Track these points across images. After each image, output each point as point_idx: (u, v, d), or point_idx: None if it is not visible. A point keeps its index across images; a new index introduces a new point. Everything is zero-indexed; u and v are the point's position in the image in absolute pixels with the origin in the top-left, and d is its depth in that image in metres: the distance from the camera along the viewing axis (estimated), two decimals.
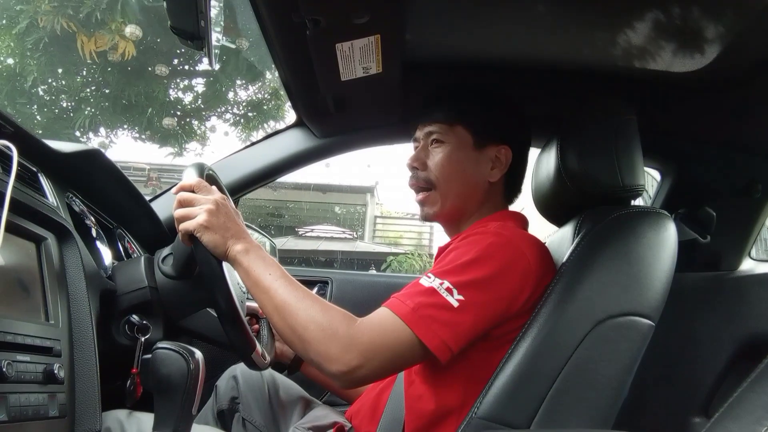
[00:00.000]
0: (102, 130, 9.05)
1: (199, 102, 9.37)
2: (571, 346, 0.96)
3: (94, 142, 8.93)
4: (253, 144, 1.72)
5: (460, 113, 1.18)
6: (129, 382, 0.95)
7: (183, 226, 0.97)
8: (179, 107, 9.29)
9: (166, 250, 1.10)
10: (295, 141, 1.67)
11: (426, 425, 1.04)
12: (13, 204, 0.76)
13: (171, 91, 9.05)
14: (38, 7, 7.02)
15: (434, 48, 1.42)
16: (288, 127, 1.69)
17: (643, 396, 1.47)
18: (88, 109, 8.36)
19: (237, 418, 1.30)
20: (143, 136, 9.12)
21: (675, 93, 1.43)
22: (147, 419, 0.96)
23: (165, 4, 0.98)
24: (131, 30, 7.13)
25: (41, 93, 8.56)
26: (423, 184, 1.19)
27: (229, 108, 9.55)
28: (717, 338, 1.48)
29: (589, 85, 1.45)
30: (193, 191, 1.01)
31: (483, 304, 0.96)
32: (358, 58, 1.19)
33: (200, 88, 9.18)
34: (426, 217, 1.21)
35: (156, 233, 1.48)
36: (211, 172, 1.16)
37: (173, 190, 1.02)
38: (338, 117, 1.54)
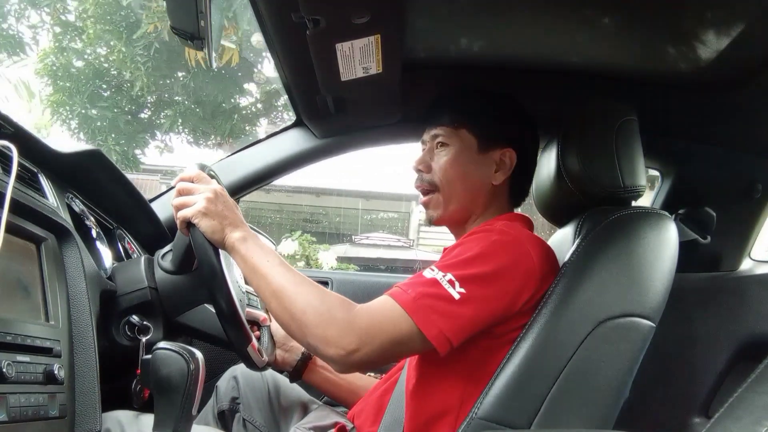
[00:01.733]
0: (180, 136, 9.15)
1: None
2: (572, 347, 0.96)
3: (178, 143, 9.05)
4: (253, 144, 1.71)
5: (464, 116, 1.18)
6: (135, 382, 0.95)
7: (181, 214, 0.98)
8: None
9: (166, 248, 1.11)
10: (295, 141, 1.67)
11: (424, 423, 1.04)
12: (13, 204, 0.76)
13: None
14: (154, 12, 7.10)
15: (434, 48, 1.42)
16: (288, 127, 1.69)
17: (643, 396, 1.47)
18: (175, 113, 8.48)
19: (237, 418, 1.30)
20: (223, 142, 9.17)
21: (675, 93, 1.43)
22: (147, 420, 0.96)
23: (165, 4, 0.98)
24: (237, 38, 7.19)
25: (150, 99, 8.66)
26: (427, 186, 1.19)
27: None
28: (717, 338, 1.48)
29: (589, 86, 1.45)
30: (192, 183, 1.02)
31: (484, 298, 0.96)
32: (358, 58, 1.19)
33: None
34: (430, 221, 1.21)
35: (156, 233, 1.48)
36: (211, 172, 1.16)
37: (173, 181, 1.03)
38: (338, 117, 1.54)
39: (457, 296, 0.94)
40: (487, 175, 1.17)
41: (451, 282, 0.95)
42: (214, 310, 1.01)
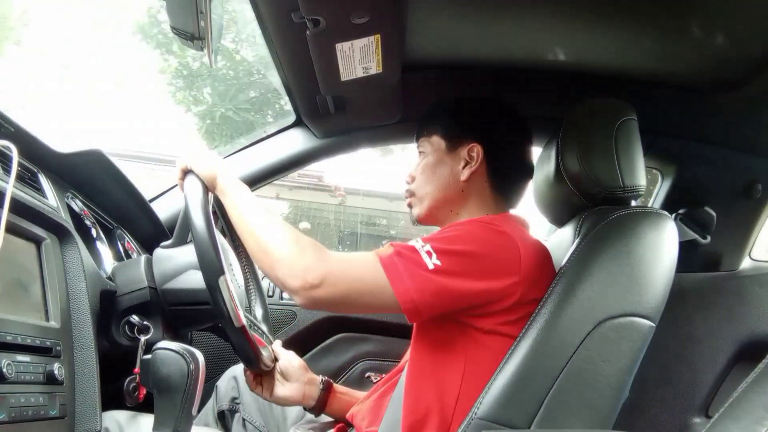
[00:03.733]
0: None
1: None
2: (572, 347, 0.96)
3: None
4: (253, 144, 1.71)
5: (432, 123, 1.23)
6: (128, 381, 0.95)
7: (178, 162, 1.05)
8: None
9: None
10: (295, 141, 1.67)
11: (420, 421, 1.04)
12: (13, 204, 0.76)
13: None
14: None
15: (434, 48, 1.42)
16: (288, 127, 1.69)
17: (643, 396, 1.47)
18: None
19: (237, 418, 1.30)
20: None
21: (675, 93, 1.43)
22: (146, 420, 0.96)
23: (165, 3, 0.98)
24: None
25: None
26: (408, 195, 1.25)
27: None
28: (717, 338, 1.48)
29: (589, 86, 1.45)
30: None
31: (457, 274, 0.97)
32: (358, 58, 1.19)
33: None
34: (412, 220, 1.26)
35: (156, 233, 1.48)
36: None
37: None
38: (338, 117, 1.54)
39: (431, 266, 0.96)
40: (455, 173, 1.19)
41: (428, 253, 0.98)
42: (201, 276, 1.01)
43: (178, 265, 1.10)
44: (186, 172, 1.05)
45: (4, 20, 9.54)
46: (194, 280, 1.05)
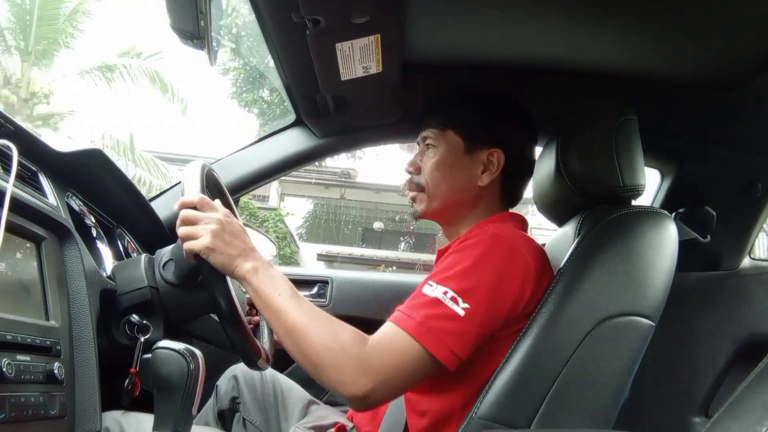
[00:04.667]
0: None
1: None
2: (572, 346, 0.96)
3: None
4: (253, 143, 1.71)
5: (450, 118, 1.18)
6: (127, 381, 0.95)
7: (187, 246, 0.95)
8: None
9: (166, 255, 1.08)
10: (295, 141, 1.67)
11: (428, 426, 1.04)
12: (13, 204, 0.76)
13: None
14: None
15: (434, 48, 1.42)
16: (288, 127, 1.69)
17: (643, 396, 1.47)
18: None
19: (237, 418, 1.30)
20: None
21: (675, 93, 1.43)
22: (146, 419, 0.96)
23: (165, 3, 0.98)
24: None
25: None
26: (414, 188, 1.20)
27: None
28: (717, 338, 1.48)
29: (589, 85, 1.45)
30: (195, 208, 0.98)
31: (488, 308, 0.96)
32: (358, 58, 1.19)
33: None
34: (415, 214, 1.22)
35: (156, 233, 1.48)
36: (211, 171, 1.16)
37: (175, 206, 1.00)
38: (338, 117, 1.54)
39: (462, 312, 0.93)
40: (473, 177, 1.16)
41: (453, 299, 0.94)
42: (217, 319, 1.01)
43: (194, 310, 1.08)
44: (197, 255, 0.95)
45: (53, 21, 9.60)
46: (220, 332, 1.02)
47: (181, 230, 0.96)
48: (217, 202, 1.01)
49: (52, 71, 10.63)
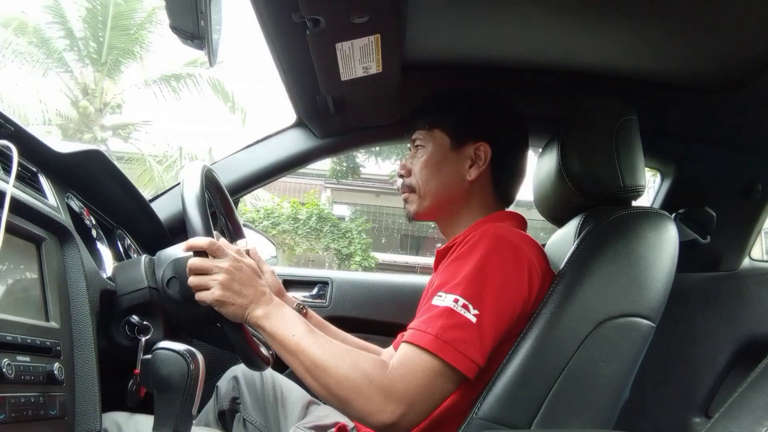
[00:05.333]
0: None
1: None
2: (572, 347, 0.96)
3: None
4: (252, 144, 1.71)
5: (436, 116, 1.20)
6: (131, 383, 0.95)
7: (198, 297, 0.97)
8: None
9: (168, 270, 1.06)
10: (295, 141, 1.67)
11: (429, 426, 1.04)
12: (13, 204, 0.76)
13: None
14: None
15: (434, 48, 1.42)
16: (288, 127, 1.69)
17: (643, 396, 1.47)
18: None
19: (238, 418, 1.30)
20: None
21: (675, 93, 1.43)
22: (146, 421, 0.96)
23: (165, 3, 0.98)
24: None
25: None
26: (406, 189, 1.22)
27: None
28: (717, 338, 1.48)
29: (589, 85, 1.45)
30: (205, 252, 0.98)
31: (498, 311, 0.96)
32: (358, 58, 1.19)
33: None
34: (408, 215, 1.24)
35: (156, 233, 1.48)
36: (210, 172, 1.16)
37: (183, 247, 1.00)
38: (338, 117, 1.54)
39: (474, 319, 0.93)
40: (461, 172, 1.17)
41: (465, 306, 0.94)
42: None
43: (201, 323, 1.08)
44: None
45: (125, 32, 9.60)
46: (219, 333, 1.03)
47: (192, 280, 0.97)
48: (224, 242, 1.01)
49: (121, 81, 10.69)
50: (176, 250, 1.08)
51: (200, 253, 0.98)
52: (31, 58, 9.57)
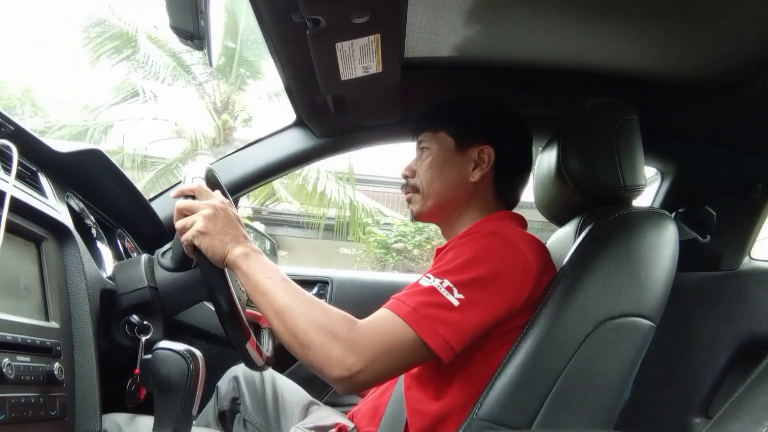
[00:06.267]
0: None
1: None
2: (572, 347, 0.96)
3: None
4: (252, 143, 1.71)
5: (441, 119, 1.22)
6: (130, 382, 0.95)
7: (184, 237, 0.97)
8: None
9: (166, 246, 1.11)
10: (295, 141, 1.67)
11: (429, 426, 1.04)
12: (13, 204, 0.76)
13: None
14: None
15: (434, 48, 1.41)
16: (288, 127, 1.69)
17: (643, 396, 1.47)
18: None
19: (238, 418, 1.31)
20: None
21: (675, 93, 1.43)
22: (146, 421, 0.96)
23: (165, 3, 0.98)
24: None
25: None
26: (410, 190, 1.23)
27: None
28: (717, 338, 1.48)
29: (589, 85, 1.45)
30: (193, 196, 1.00)
31: (483, 302, 0.96)
32: (358, 58, 1.19)
33: None
34: (411, 215, 1.24)
35: (156, 233, 1.48)
36: (211, 171, 1.16)
37: (172, 193, 1.02)
38: (338, 117, 1.54)
39: (456, 302, 0.94)
40: (464, 174, 1.19)
41: (449, 288, 0.95)
42: (213, 308, 1.01)
43: (189, 296, 1.09)
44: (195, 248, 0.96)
45: (257, 45, 9.56)
46: (211, 322, 1.03)
47: (178, 223, 0.98)
48: (217, 192, 1.03)
49: (248, 94, 10.68)
50: (180, 278, 1.09)
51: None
52: (173, 71, 9.46)
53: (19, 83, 13.11)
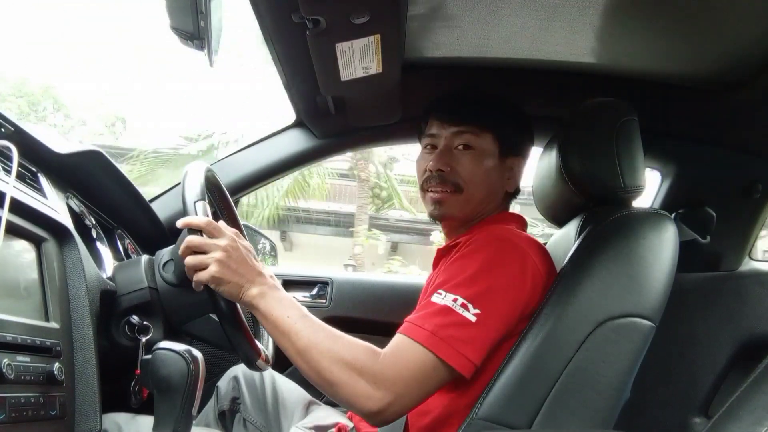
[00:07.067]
0: None
1: None
2: (572, 348, 0.96)
3: None
4: (253, 144, 1.71)
5: (492, 122, 1.17)
6: (133, 383, 0.95)
7: (196, 278, 0.95)
8: None
9: (166, 255, 1.08)
10: (295, 141, 1.67)
11: (430, 426, 1.04)
12: (13, 204, 0.76)
13: None
14: None
15: (434, 48, 1.41)
16: (288, 127, 1.69)
17: (643, 396, 1.47)
18: None
19: (238, 418, 1.31)
20: None
21: (675, 93, 1.43)
22: (146, 421, 0.96)
23: (165, 3, 0.98)
24: None
25: None
26: (451, 188, 1.15)
27: None
28: (717, 338, 1.48)
29: (589, 85, 1.45)
30: (201, 231, 0.97)
31: (499, 312, 0.96)
32: (358, 58, 1.19)
33: None
34: (440, 217, 1.18)
35: (156, 233, 1.48)
36: (211, 172, 1.16)
37: (180, 224, 0.98)
38: (338, 117, 1.54)
39: (473, 318, 0.93)
40: (502, 182, 1.19)
41: (464, 305, 0.94)
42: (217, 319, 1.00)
43: (193, 310, 1.08)
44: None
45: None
46: (219, 332, 1.02)
47: (188, 261, 0.96)
48: (222, 224, 1.01)
49: None
50: (182, 293, 1.08)
51: (196, 234, 0.97)
52: None
53: (40, 80, 13.09)
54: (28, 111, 12.43)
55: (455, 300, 0.94)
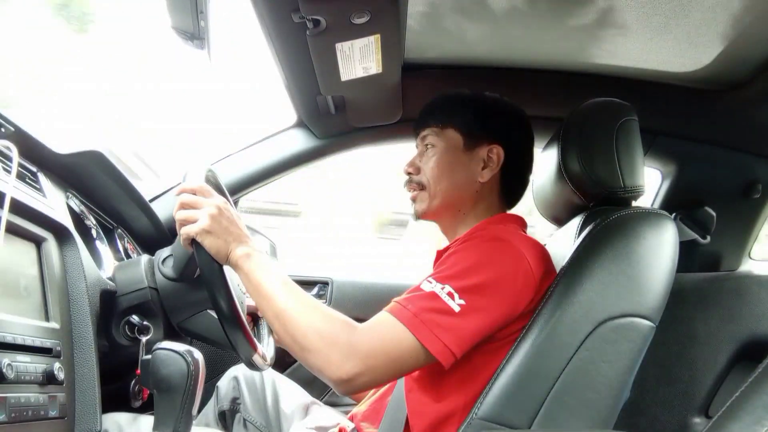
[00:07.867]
0: None
1: None
2: (572, 348, 0.96)
3: None
4: (253, 144, 1.71)
5: (449, 115, 1.19)
6: (134, 383, 0.95)
7: (185, 230, 0.96)
8: None
9: (166, 251, 1.09)
10: (295, 141, 1.67)
11: (429, 426, 1.04)
12: (13, 204, 0.76)
13: None
14: None
15: (434, 48, 1.42)
16: (288, 127, 1.69)
17: (643, 396, 1.47)
18: None
19: (238, 418, 1.30)
20: None
21: (675, 93, 1.43)
22: (146, 421, 0.96)
23: (165, 3, 0.98)
24: None
25: None
26: (416, 186, 1.20)
27: None
28: (717, 338, 1.48)
29: (589, 85, 1.45)
30: (194, 194, 1.00)
31: (484, 308, 0.95)
32: (358, 58, 1.19)
33: None
34: (416, 214, 1.22)
35: (156, 233, 1.48)
36: (211, 171, 1.16)
37: (175, 191, 1.01)
38: (338, 117, 1.54)
39: (457, 308, 0.93)
40: (473, 173, 1.17)
41: (450, 294, 0.94)
42: (216, 316, 1.00)
43: (192, 305, 1.08)
44: (193, 241, 0.95)
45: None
46: (215, 330, 1.02)
47: (179, 214, 0.96)
48: (215, 193, 1.02)
49: None
50: (183, 288, 1.08)
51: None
52: None
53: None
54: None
55: (443, 288, 0.95)
